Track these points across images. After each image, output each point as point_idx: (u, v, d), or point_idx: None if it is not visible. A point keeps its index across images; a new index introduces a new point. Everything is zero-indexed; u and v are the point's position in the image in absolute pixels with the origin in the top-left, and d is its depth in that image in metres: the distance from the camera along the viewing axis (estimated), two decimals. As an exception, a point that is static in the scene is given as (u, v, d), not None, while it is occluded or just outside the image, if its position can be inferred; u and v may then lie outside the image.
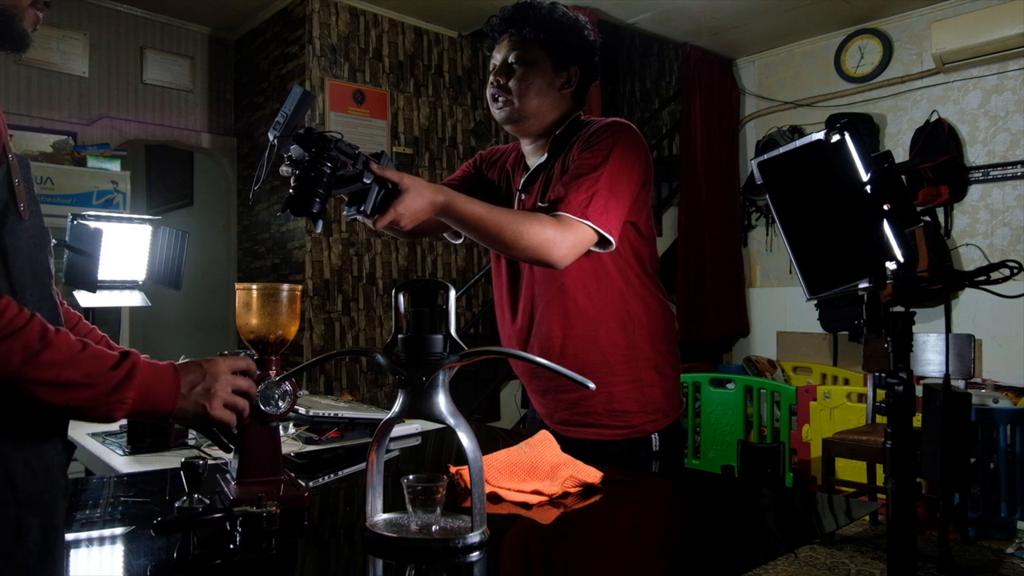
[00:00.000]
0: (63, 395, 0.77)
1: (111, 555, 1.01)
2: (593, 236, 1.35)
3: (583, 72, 1.55)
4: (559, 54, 1.51)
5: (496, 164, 1.69)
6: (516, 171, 1.63)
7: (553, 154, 1.53)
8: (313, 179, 1.06)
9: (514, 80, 1.50)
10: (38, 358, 0.75)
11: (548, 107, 1.52)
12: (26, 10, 0.86)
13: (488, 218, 1.29)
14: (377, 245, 4.76)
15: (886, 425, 1.18)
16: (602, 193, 1.35)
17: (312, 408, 1.57)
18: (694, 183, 5.29)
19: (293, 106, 1.06)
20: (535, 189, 1.54)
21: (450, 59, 5.19)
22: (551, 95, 1.52)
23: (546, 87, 1.51)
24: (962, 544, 3.23)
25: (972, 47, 4.19)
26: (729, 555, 1.05)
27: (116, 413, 0.82)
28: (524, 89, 1.49)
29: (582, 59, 1.54)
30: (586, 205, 1.34)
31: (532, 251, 1.31)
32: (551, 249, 1.31)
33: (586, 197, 1.34)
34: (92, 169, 3.62)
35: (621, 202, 1.39)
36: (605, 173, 1.38)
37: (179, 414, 0.90)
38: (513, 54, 1.51)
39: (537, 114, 1.51)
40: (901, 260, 1.11)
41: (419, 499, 0.97)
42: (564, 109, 1.54)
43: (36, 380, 0.75)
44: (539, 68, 1.50)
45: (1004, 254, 4.17)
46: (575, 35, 1.53)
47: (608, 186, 1.37)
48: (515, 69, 1.51)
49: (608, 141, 1.43)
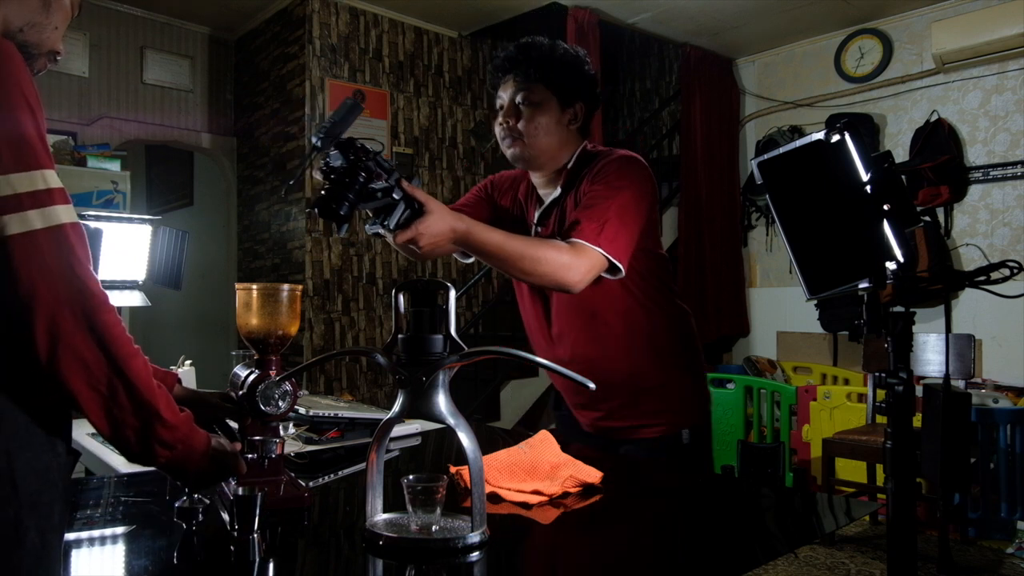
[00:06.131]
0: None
1: (111, 555, 1.01)
2: (604, 262, 1.42)
3: (587, 106, 1.61)
4: (564, 92, 1.56)
5: (508, 192, 1.74)
6: (529, 202, 1.69)
7: (565, 188, 1.60)
8: (346, 184, 1.10)
9: (523, 121, 1.55)
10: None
11: (557, 144, 1.58)
12: (43, 55, 0.91)
13: (507, 247, 1.35)
14: (377, 245, 4.76)
15: (886, 425, 1.19)
16: (613, 223, 1.43)
17: (312, 408, 1.57)
18: (694, 183, 5.29)
19: (342, 115, 1.12)
20: (550, 223, 1.61)
21: (450, 59, 5.19)
22: (559, 133, 1.57)
23: (554, 126, 1.56)
24: (962, 544, 3.23)
25: (972, 47, 4.19)
26: (729, 555, 1.05)
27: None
28: (533, 130, 1.55)
29: (586, 94, 1.60)
30: (598, 233, 1.41)
31: (549, 276, 1.38)
32: (567, 274, 1.38)
33: (598, 226, 1.42)
34: (92, 169, 3.62)
35: (631, 231, 1.47)
36: (615, 204, 1.45)
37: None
38: (520, 95, 1.55)
39: (547, 152, 1.57)
40: (901, 260, 1.11)
41: (419, 499, 0.97)
42: (573, 143, 1.61)
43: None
44: (546, 108, 1.55)
45: (1004, 254, 4.17)
46: (577, 72, 1.58)
47: (618, 216, 1.44)
48: (523, 110, 1.55)
49: (617, 174, 1.50)
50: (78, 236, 0.78)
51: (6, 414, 0.78)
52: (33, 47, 0.89)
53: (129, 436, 0.81)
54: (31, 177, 0.76)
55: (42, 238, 0.75)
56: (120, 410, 0.80)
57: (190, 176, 6.14)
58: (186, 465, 0.88)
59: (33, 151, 0.77)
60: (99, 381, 0.78)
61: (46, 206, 0.76)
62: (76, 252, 0.77)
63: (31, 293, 0.74)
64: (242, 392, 1.11)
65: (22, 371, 0.78)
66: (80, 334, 0.76)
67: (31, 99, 0.77)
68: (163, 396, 0.84)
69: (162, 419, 0.83)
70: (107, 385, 0.78)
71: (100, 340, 0.77)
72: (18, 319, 0.74)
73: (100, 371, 0.78)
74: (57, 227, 0.76)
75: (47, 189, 0.77)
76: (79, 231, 0.79)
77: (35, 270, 0.74)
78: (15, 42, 0.83)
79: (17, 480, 0.77)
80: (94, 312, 0.77)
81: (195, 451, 0.88)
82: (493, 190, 1.76)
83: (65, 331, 0.75)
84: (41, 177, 0.77)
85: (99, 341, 0.77)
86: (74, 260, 0.77)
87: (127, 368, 0.79)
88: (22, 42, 0.87)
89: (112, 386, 0.79)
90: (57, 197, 0.77)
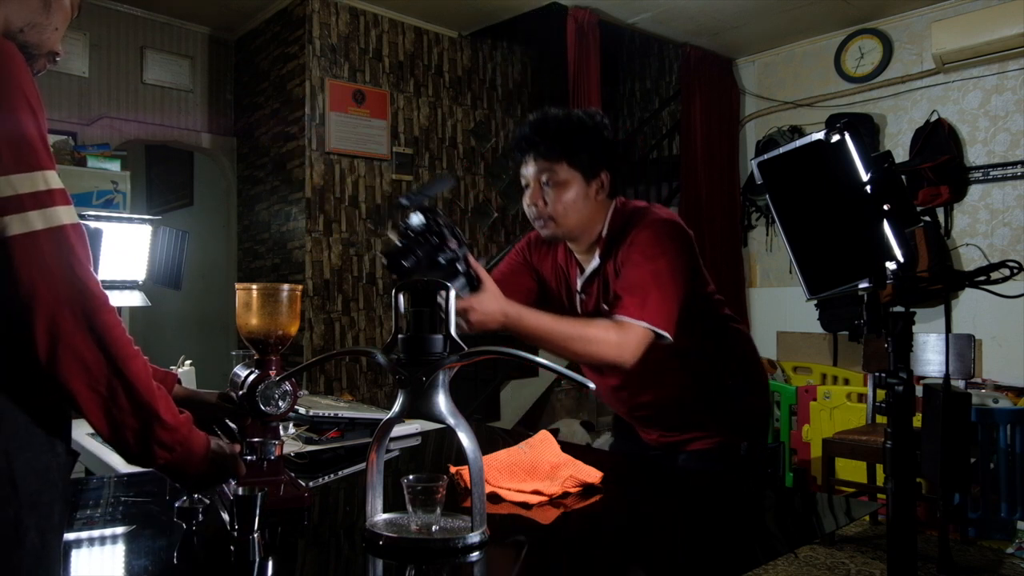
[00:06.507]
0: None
1: (111, 555, 1.01)
2: (652, 335, 1.45)
3: (612, 173, 1.61)
4: (587, 166, 1.55)
5: (547, 256, 1.75)
6: (569, 267, 1.70)
7: (604, 256, 1.61)
8: (418, 243, 1.20)
9: (551, 203, 1.55)
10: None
11: (588, 218, 1.58)
12: (42, 56, 0.91)
13: (556, 331, 1.41)
14: (377, 245, 4.76)
15: (886, 425, 1.18)
16: (654, 294, 1.46)
17: (312, 408, 1.57)
18: (694, 183, 5.29)
19: (434, 184, 1.31)
20: (594, 290, 1.64)
21: (450, 59, 5.19)
22: (589, 207, 1.57)
23: (582, 201, 1.56)
24: (962, 544, 3.23)
25: (972, 47, 4.19)
26: (729, 555, 1.05)
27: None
28: (563, 211, 1.55)
29: (609, 161, 1.59)
30: (641, 307, 1.45)
31: (600, 356, 1.44)
32: (618, 353, 1.43)
33: (640, 300, 1.45)
34: (92, 169, 3.62)
35: (673, 297, 1.49)
36: (654, 275, 1.48)
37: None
38: (544, 175, 1.55)
39: (579, 227, 1.58)
40: (901, 260, 1.11)
41: (419, 499, 0.97)
42: (603, 210, 1.61)
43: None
44: (571, 185, 1.55)
45: (1004, 254, 4.17)
46: (597, 141, 1.56)
47: (658, 286, 1.47)
48: (548, 191, 1.55)
49: (652, 242, 1.52)
50: (79, 237, 0.79)
51: (6, 414, 0.78)
52: (33, 47, 0.89)
53: (128, 437, 0.81)
54: (32, 178, 0.76)
55: (43, 239, 0.75)
56: (119, 411, 0.80)
57: (190, 176, 6.14)
58: (185, 467, 0.88)
59: (34, 152, 0.77)
60: (99, 382, 0.78)
61: (47, 207, 0.76)
62: (77, 253, 0.77)
63: (32, 293, 0.74)
64: (242, 392, 1.11)
65: (22, 371, 0.78)
66: (80, 335, 0.76)
67: (32, 100, 0.77)
68: (163, 397, 0.84)
69: (161, 420, 0.83)
70: (107, 386, 0.78)
71: (100, 341, 0.77)
72: (18, 319, 0.74)
73: (100, 372, 0.78)
74: (58, 228, 0.76)
75: (48, 190, 0.77)
76: (80, 232, 0.79)
77: (36, 271, 0.74)
78: (16, 42, 0.83)
79: (17, 480, 0.77)
80: (94, 313, 0.77)
81: (194, 453, 0.88)
82: (531, 254, 1.77)
83: (65, 332, 0.75)
84: (42, 178, 0.77)
85: (99, 342, 0.77)
86: (74, 261, 0.77)
87: (127, 369, 0.79)
88: (23, 42, 0.87)
89: (112, 387, 0.79)
90: (58, 198, 0.77)
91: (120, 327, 0.80)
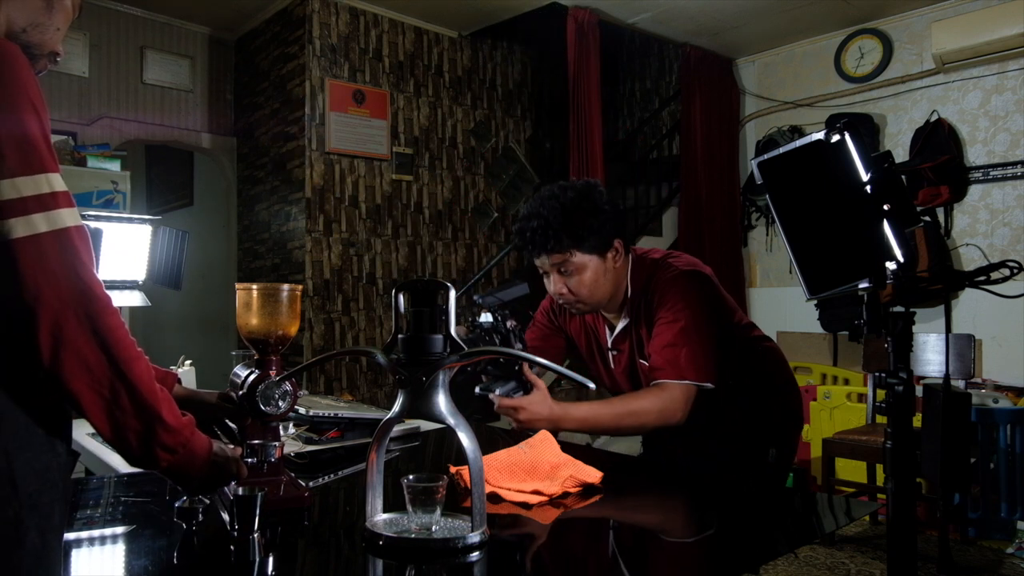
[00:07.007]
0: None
1: (111, 555, 1.01)
2: (694, 389, 1.51)
3: (624, 238, 1.64)
4: (598, 245, 1.59)
5: (572, 316, 1.79)
6: (598, 325, 1.75)
7: (632, 315, 1.66)
8: (483, 339, 1.37)
9: (574, 288, 1.60)
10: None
11: (613, 286, 1.63)
12: (44, 56, 0.91)
13: (603, 415, 1.50)
14: (377, 245, 4.76)
15: (886, 425, 1.18)
16: (686, 349, 1.51)
17: (312, 408, 1.57)
18: (694, 183, 5.29)
19: (510, 289, 1.41)
20: (625, 347, 1.69)
21: (450, 59, 5.19)
22: (610, 277, 1.62)
23: (602, 276, 1.60)
24: (962, 544, 3.23)
25: (972, 47, 4.19)
26: (729, 555, 1.05)
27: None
28: (587, 292, 1.60)
29: (617, 230, 1.62)
30: (677, 366, 1.50)
31: (653, 425, 1.51)
32: (668, 417, 1.50)
33: (673, 358, 1.51)
34: (92, 169, 3.62)
35: (706, 346, 1.54)
36: (684, 329, 1.53)
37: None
38: (560, 266, 1.59)
39: (604, 297, 1.64)
40: (901, 260, 1.11)
41: (419, 499, 0.97)
42: (623, 274, 1.65)
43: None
44: (589, 267, 1.59)
45: (1004, 254, 4.17)
46: (599, 216, 1.57)
47: (688, 341, 1.52)
48: (569, 278, 1.59)
49: (677, 297, 1.57)
50: (82, 239, 0.79)
51: (6, 414, 0.78)
52: (35, 48, 0.89)
53: (131, 439, 0.81)
54: (36, 181, 0.76)
55: (47, 241, 0.75)
56: (122, 413, 0.80)
57: (190, 176, 6.14)
58: (187, 470, 0.88)
59: (38, 154, 0.77)
60: (101, 384, 0.78)
61: (51, 209, 0.76)
62: (80, 255, 0.77)
63: (36, 296, 0.74)
64: (242, 392, 1.11)
65: (23, 372, 0.78)
66: (83, 337, 0.76)
67: (36, 101, 0.77)
68: (165, 400, 0.84)
69: (164, 423, 0.83)
70: (109, 388, 0.78)
71: (103, 343, 0.77)
72: (21, 321, 0.74)
73: (103, 374, 0.78)
74: (62, 230, 0.76)
75: (52, 192, 0.77)
76: (83, 234, 0.79)
77: (39, 273, 0.74)
78: (18, 43, 0.83)
79: (17, 480, 0.77)
80: (98, 315, 0.77)
81: (196, 456, 0.88)
82: (556, 317, 1.81)
83: (69, 334, 0.75)
84: (46, 180, 0.77)
85: (102, 344, 0.77)
86: (78, 263, 0.77)
87: (129, 371, 0.79)
88: (25, 43, 0.87)
89: (114, 389, 0.79)
90: (61, 200, 0.77)
91: (123, 329, 0.80)
